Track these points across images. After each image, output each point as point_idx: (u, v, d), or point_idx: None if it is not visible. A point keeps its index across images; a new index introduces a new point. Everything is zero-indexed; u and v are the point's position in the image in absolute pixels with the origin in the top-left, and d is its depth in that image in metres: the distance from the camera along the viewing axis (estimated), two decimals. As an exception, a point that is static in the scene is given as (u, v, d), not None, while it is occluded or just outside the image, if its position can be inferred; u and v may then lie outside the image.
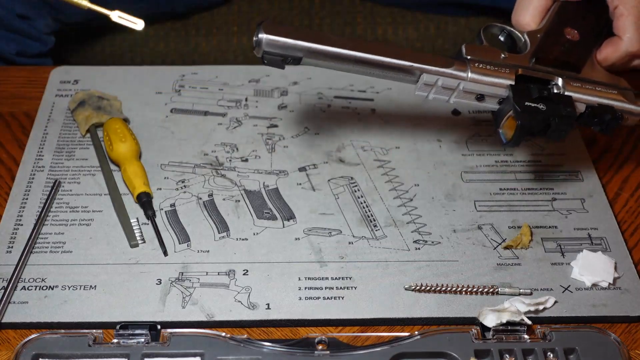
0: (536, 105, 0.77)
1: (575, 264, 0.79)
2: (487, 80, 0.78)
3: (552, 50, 0.81)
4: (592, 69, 0.81)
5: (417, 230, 0.82)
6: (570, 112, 0.78)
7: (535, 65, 0.80)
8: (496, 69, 0.79)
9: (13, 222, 0.83)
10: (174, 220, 0.83)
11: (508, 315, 0.72)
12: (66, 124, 0.94)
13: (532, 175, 0.87)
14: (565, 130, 0.78)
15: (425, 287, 0.77)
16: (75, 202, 0.85)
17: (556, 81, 0.79)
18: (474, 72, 0.78)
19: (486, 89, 0.79)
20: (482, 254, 0.80)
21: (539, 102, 0.77)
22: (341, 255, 0.80)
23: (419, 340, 0.71)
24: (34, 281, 0.77)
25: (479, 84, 0.78)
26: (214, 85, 0.99)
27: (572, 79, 0.80)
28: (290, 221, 0.83)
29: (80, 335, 0.71)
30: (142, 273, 0.78)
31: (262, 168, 0.89)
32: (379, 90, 0.99)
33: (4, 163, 0.89)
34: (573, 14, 0.84)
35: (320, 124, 0.94)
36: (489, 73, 0.78)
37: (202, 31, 1.15)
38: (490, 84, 0.78)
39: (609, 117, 0.78)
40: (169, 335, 0.71)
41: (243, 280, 0.78)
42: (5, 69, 1.03)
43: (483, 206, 0.85)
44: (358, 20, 1.16)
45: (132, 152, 0.87)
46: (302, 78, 1.00)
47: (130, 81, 0.99)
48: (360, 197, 0.86)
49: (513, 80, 0.78)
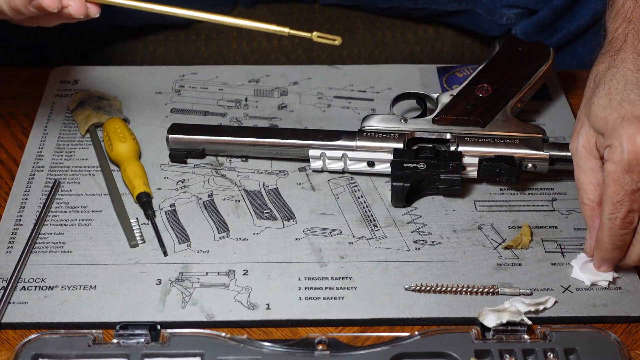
0: (415, 165, 0.82)
1: (575, 262, 0.79)
2: (374, 146, 0.85)
3: (453, 110, 0.87)
4: (505, 121, 0.86)
5: (417, 230, 0.82)
6: (456, 165, 0.82)
7: (433, 126, 0.86)
8: (385, 136, 0.85)
9: (13, 222, 0.83)
10: (174, 220, 0.83)
11: (508, 315, 0.72)
12: (66, 124, 0.94)
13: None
14: (452, 185, 0.83)
15: (425, 287, 0.77)
16: (75, 202, 0.85)
17: (451, 139, 0.84)
18: (362, 140, 0.85)
19: (375, 155, 0.85)
20: (482, 254, 0.80)
21: (420, 162, 0.83)
22: (341, 256, 0.80)
23: (419, 341, 0.71)
24: (34, 281, 0.77)
25: (367, 151, 0.85)
26: (213, 85, 0.99)
27: (469, 135, 0.85)
28: (290, 221, 0.83)
29: (80, 335, 0.71)
30: (142, 273, 0.78)
31: (262, 168, 0.89)
32: (379, 90, 0.99)
33: (3, 163, 0.89)
34: (494, 71, 0.90)
35: (320, 124, 0.94)
36: (377, 139, 0.85)
37: (202, 36, 1.15)
38: (377, 149, 0.85)
39: (505, 167, 0.83)
40: (168, 335, 0.71)
41: (243, 280, 0.78)
42: (5, 69, 1.03)
43: (483, 206, 0.85)
44: (357, 25, 1.16)
45: (132, 152, 0.87)
46: (302, 78, 1.00)
47: (130, 81, 0.99)
48: (360, 197, 0.86)
49: (401, 144, 0.84)
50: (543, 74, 0.91)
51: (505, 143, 0.84)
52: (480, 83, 0.89)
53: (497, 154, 0.84)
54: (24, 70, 1.03)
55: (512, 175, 0.83)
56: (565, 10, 1.05)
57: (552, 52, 0.92)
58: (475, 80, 0.90)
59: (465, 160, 0.84)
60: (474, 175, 0.85)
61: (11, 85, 0.99)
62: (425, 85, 0.98)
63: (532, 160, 0.84)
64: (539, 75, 0.91)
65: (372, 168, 0.86)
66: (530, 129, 0.85)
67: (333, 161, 0.87)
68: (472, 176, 0.85)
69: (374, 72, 1.02)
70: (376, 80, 1.00)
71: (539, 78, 0.91)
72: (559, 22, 1.06)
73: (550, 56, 0.92)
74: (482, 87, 0.89)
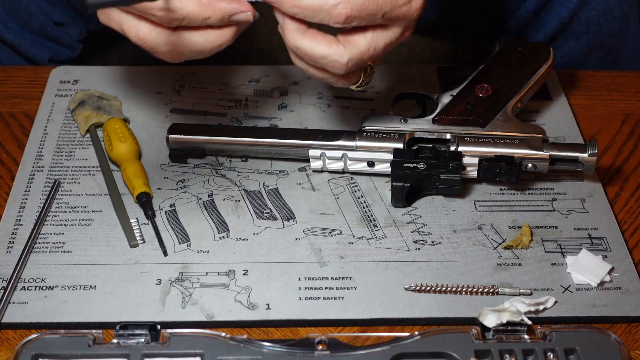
0: (415, 166, 0.82)
1: (569, 259, 0.79)
2: (374, 146, 0.85)
3: (453, 110, 0.87)
4: (505, 121, 0.86)
5: (417, 230, 0.82)
6: (456, 166, 0.82)
7: (433, 126, 0.86)
8: (385, 136, 0.85)
9: (13, 222, 0.83)
10: (174, 220, 0.83)
11: (508, 315, 0.72)
12: (66, 124, 0.94)
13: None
14: (452, 185, 0.83)
15: (425, 287, 0.77)
16: (75, 202, 0.85)
17: (452, 139, 0.84)
18: (362, 140, 0.85)
19: (375, 155, 0.85)
20: (482, 254, 0.80)
21: (420, 162, 0.82)
22: (341, 256, 0.80)
23: (419, 341, 0.71)
24: (34, 281, 0.77)
25: (367, 151, 0.85)
26: (214, 85, 0.99)
27: (469, 135, 0.85)
28: (290, 221, 0.83)
29: (80, 335, 0.71)
30: (142, 273, 0.78)
31: (262, 168, 0.89)
32: (379, 90, 0.99)
33: (3, 163, 0.89)
34: (494, 71, 0.90)
35: (320, 124, 0.94)
36: (377, 139, 0.85)
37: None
38: (377, 149, 0.85)
39: (505, 167, 0.83)
40: (168, 335, 0.71)
41: (243, 280, 0.78)
42: (5, 69, 1.03)
43: (483, 206, 0.85)
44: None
45: (132, 152, 0.87)
46: (302, 78, 1.00)
47: (130, 81, 0.99)
48: (360, 197, 0.86)
49: (401, 144, 0.84)
50: (543, 74, 0.91)
51: (505, 143, 0.84)
52: (480, 83, 0.89)
53: (497, 154, 0.84)
54: (24, 70, 1.03)
55: (512, 175, 0.83)
56: (532, 20, 1.06)
57: (552, 52, 0.92)
58: (475, 80, 0.90)
59: (465, 160, 0.84)
60: (474, 175, 0.85)
61: (11, 85, 0.99)
62: (425, 85, 0.98)
63: (532, 160, 0.84)
64: (539, 75, 0.91)
65: (372, 168, 0.86)
66: (530, 129, 0.85)
67: (333, 161, 0.87)
68: (472, 176, 0.85)
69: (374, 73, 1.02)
70: (376, 80, 1.00)
71: (539, 78, 0.91)
72: (527, 31, 1.07)
73: (550, 56, 0.92)
74: (482, 87, 0.89)
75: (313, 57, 0.72)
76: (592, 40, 1.06)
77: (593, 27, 1.04)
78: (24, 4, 1.04)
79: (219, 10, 0.71)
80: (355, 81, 0.77)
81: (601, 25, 1.04)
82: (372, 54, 0.73)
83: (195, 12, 0.70)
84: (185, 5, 0.70)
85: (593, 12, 1.03)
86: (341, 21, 0.70)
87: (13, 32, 1.05)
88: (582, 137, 0.92)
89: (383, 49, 0.73)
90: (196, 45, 0.72)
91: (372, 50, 0.72)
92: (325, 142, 0.86)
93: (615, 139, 0.93)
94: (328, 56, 0.71)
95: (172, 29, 0.71)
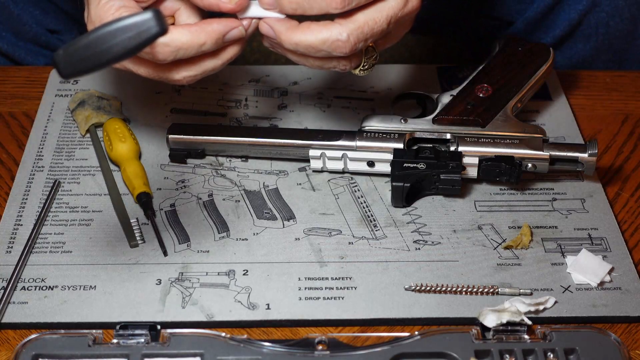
0: (415, 166, 0.83)
1: (569, 260, 0.79)
2: (374, 146, 0.85)
3: (453, 110, 0.87)
4: (505, 121, 0.86)
5: (417, 230, 0.82)
6: (456, 166, 0.82)
7: (433, 126, 0.86)
8: (385, 136, 0.85)
9: (13, 222, 0.83)
10: (174, 220, 0.83)
11: (508, 315, 0.72)
12: (66, 124, 0.94)
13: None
14: (452, 185, 0.83)
15: (425, 287, 0.77)
16: (75, 202, 0.85)
17: (452, 139, 0.84)
18: (362, 140, 0.85)
19: (375, 155, 0.85)
20: (482, 254, 0.80)
21: (420, 162, 0.83)
22: (341, 256, 0.80)
23: (419, 341, 0.71)
24: (34, 281, 0.77)
25: (367, 151, 0.85)
26: (214, 85, 0.99)
27: (469, 135, 0.85)
28: (290, 221, 0.83)
29: (80, 335, 0.71)
30: (142, 273, 0.78)
31: (262, 168, 0.89)
32: (379, 90, 0.99)
33: (3, 163, 0.89)
34: (494, 71, 0.90)
35: (320, 124, 0.94)
36: (377, 139, 0.85)
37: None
38: (377, 149, 0.85)
39: (505, 167, 0.83)
40: (168, 335, 0.71)
41: (243, 280, 0.78)
42: (5, 69, 1.03)
43: (483, 206, 0.85)
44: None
45: (132, 152, 0.87)
46: (302, 78, 1.00)
47: (130, 81, 0.99)
48: (360, 197, 0.86)
49: (401, 144, 0.84)
50: (543, 74, 0.91)
51: (505, 143, 0.84)
52: (480, 83, 0.89)
53: (497, 154, 0.84)
54: (24, 70, 1.03)
55: (512, 175, 0.83)
56: (540, 21, 1.06)
57: (552, 52, 0.92)
58: (475, 80, 0.90)
59: (465, 160, 0.84)
60: (474, 175, 0.85)
61: (11, 85, 0.99)
62: (425, 85, 0.98)
63: (532, 160, 0.84)
64: (539, 75, 0.91)
65: (372, 168, 0.86)
66: (530, 129, 0.85)
67: (333, 161, 0.87)
68: (472, 176, 0.85)
69: (374, 72, 1.01)
70: (376, 80, 1.00)
71: (539, 78, 0.91)
72: (535, 33, 1.07)
73: (550, 56, 0.92)
74: (482, 87, 0.89)
75: (315, 45, 0.71)
76: (601, 42, 1.05)
77: (602, 29, 1.04)
78: (16, 14, 1.04)
79: (212, 32, 0.70)
80: (357, 63, 0.76)
81: (610, 27, 1.04)
82: (373, 27, 0.71)
83: (189, 40, 0.70)
84: (179, 37, 0.70)
85: (602, 14, 1.03)
86: (339, 4, 0.69)
87: (7, 41, 1.05)
88: (582, 137, 0.92)
89: (386, 22, 0.72)
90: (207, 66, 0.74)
91: (373, 23, 0.71)
92: (325, 142, 0.86)
93: (615, 139, 0.93)
94: (329, 38, 0.71)
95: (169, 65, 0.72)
